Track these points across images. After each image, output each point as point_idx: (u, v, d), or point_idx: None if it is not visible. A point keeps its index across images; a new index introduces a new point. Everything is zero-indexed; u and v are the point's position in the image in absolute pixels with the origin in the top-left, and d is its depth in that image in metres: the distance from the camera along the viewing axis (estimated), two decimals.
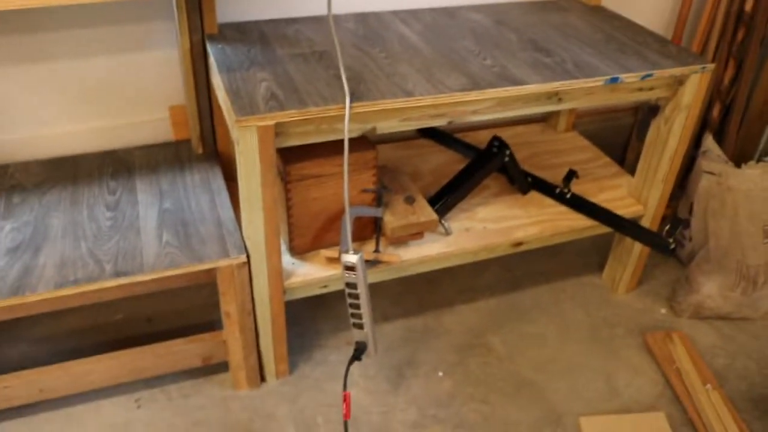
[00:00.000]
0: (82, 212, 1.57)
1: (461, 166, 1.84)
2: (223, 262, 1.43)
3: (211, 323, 1.85)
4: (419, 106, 1.40)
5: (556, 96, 1.53)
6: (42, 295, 1.36)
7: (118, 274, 1.39)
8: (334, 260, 1.56)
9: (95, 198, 1.62)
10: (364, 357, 1.53)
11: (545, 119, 2.29)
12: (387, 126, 1.41)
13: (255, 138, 1.28)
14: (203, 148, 1.77)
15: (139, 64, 1.78)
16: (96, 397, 1.67)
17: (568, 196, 1.83)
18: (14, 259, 1.44)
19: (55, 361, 1.58)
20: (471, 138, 2.09)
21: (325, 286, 1.58)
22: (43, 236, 1.50)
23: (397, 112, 1.40)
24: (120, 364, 1.57)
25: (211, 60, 1.56)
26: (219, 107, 1.73)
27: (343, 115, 1.34)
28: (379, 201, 1.59)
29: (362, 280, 1.42)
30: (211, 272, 1.46)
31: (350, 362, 1.50)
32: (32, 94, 1.75)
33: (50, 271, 1.41)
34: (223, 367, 1.71)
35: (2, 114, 1.75)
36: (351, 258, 1.39)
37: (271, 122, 1.28)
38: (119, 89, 1.80)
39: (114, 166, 1.74)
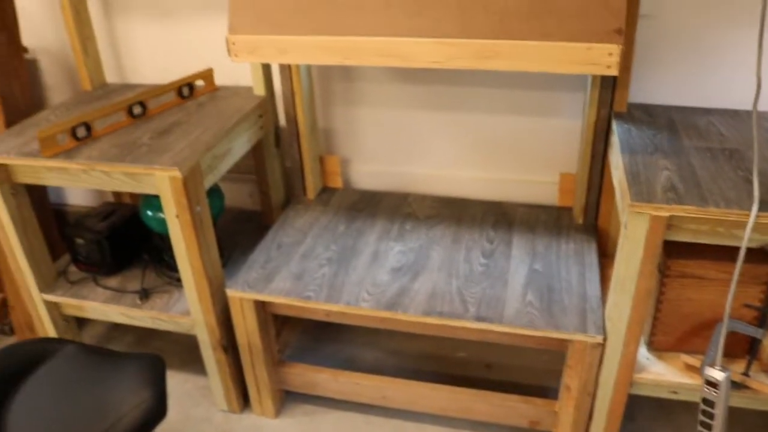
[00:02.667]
0: (460, 252, 1.70)
1: None
2: (579, 337, 1.43)
3: (543, 388, 1.86)
4: None
5: None
6: (410, 317, 1.51)
7: (479, 318, 1.48)
8: (693, 369, 1.46)
9: (474, 242, 1.74)
10: None
11: None
12: None
13: (645, 226, 1.26)
14: (583, 219, 1.79)
15: (539, 128, 1.87)
16: (423, 421, 1.79)
17: None
18: (396, 278, 1.62)
19: (397, 375, 1.74)
20: None
21: (675, 393, 1.48)
22: (423, 265, 1.66)
23: None
24: (454, 399, 1.66)
25: (614, 138, 1.58)
26: (609, 183, 1.73)
27: (745, 222, 1.24)
28: (762, 321, 1.44)
29: (723, 401, 1.30)
30: (563, 342, 1.47)
31: None
32: (441, 138, 1.96)
33: (422, 297, 1.55)
34: None
35: (414, 149, 1.99)
36: (716, 374, 1.29)
37: (666, 214, 1.25)
38: (516, 148, 1.92)
39: (496, 217, 1.85)
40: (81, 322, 2.11)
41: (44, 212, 2.04)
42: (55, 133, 1.57)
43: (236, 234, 2.02)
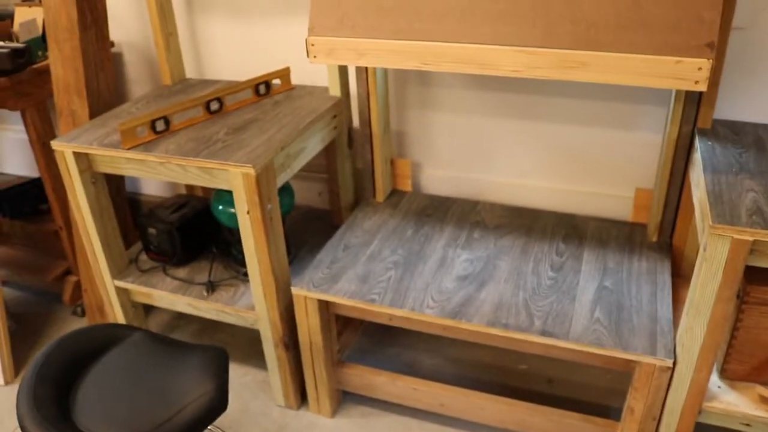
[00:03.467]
0: (528, 264, 1.67)
1: None
2: (646, 359, 1.38)
3: (605, 408, 1.81)
4: None
5: None
6: (474, 326, 1.49)
7: (544, 332, 1.45)
8: None
9: (543, 254, 1.71)
10: None
11: None
12: None
13: (726, 249, 1.21)
14: (658, 237, 1.74)
15: (617, 141, 1.82)
16: (479, 431, 1.76)
17: None
18: (461, 286, 1.60)
19: (456, 383, 1.72)
20: None
21: (748, 425, 1.41)
22: (490, 275, 1.64)
23: None
24: (512, 412, 1.63)
25: (697, 155, 1.52)
26: (687, 201, 1.67)
27: None
28: None
29: None
30: (630, 363, 1.43)
31: None
32: (515, 146, 1.93)
33: (487, 307, 1.53)
34: None
35: (486, 157, 1.97)
36: None
37: (750, 238, 1.20)
38: (591, 160, 1.87)
39: (567, 230, 1.81)
40: (147, 309, 2.17)
41: (120, 201, 2.11)
42: (136, 125, 1.61)
43: (304, 232, 2.04)
